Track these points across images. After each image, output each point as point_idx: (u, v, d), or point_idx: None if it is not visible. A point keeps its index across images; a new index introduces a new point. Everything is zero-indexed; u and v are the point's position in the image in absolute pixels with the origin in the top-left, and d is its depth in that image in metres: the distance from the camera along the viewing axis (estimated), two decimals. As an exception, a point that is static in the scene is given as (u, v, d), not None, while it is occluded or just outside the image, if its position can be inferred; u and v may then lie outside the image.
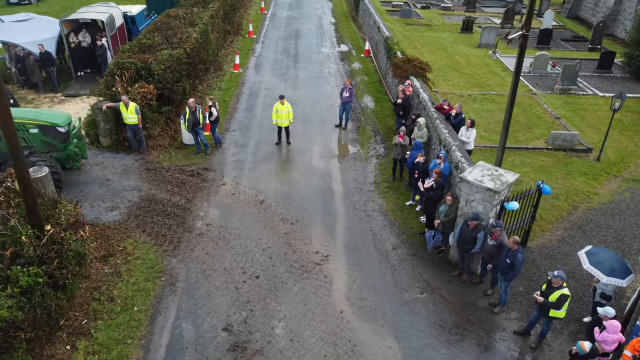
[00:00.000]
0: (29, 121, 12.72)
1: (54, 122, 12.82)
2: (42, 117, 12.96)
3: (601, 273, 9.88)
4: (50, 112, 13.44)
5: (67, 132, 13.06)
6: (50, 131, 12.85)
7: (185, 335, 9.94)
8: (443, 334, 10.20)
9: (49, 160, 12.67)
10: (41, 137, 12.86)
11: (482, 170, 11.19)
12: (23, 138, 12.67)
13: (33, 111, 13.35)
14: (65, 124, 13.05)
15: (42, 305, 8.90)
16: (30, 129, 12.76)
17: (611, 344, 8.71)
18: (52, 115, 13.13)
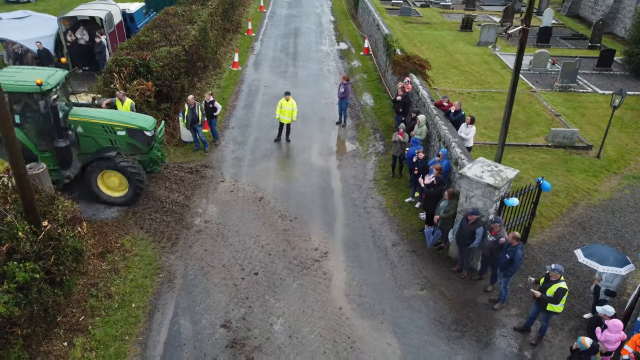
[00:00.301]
0: (117, 123, 12.69)
1: (141, 125, 12.81)
2: (131, 120, 12.93)
3: (596, 263, 9.86)
4: (138, 115, 13.42)
5: (152, 136, 13.06)
6: (137, 134, 12.82)
7: (183, 331, 9.88)
8: (443, 331, 10.15)
9: (134, 163, 12.68)
10: (128, 139, 12.82)
11: (481, 166, 11.14)
12: (110, 140, 12.78)
13: (122, 113, 13.38)
14: (152, 128, 13.02)
15: (39, 301, 8.83)
16: (118, 131, 12.72)
17: (614, 342, 8.66)
18: (140, 119, 13.10)
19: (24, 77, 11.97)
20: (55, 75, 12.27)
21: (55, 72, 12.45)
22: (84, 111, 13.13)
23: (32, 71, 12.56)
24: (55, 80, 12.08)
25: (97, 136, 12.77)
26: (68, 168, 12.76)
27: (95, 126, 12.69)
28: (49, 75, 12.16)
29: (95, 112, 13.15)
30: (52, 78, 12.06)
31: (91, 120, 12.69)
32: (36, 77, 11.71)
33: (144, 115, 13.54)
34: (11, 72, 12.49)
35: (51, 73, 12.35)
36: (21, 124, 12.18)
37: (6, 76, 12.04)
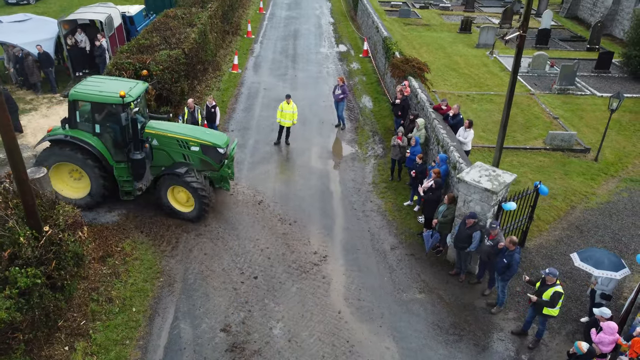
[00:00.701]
0: (191, 139, 12.67)
1: (215, 142, 12.72)
2: (205, 136, 12.88)
3: (592, 267, 9.94)
4: (212, 132, 13.40)
5: (225, 154, 12.94)
6: (210, 151, 12.75)
7: (184, 336, 9.96)
8: (441, 335, 10.23)
9: (202, 182, 12.49)
10: (200, 155, 12.79)
11: (479, 170, 11.22)
12: (183, 154, 12.78)
13: (197, 129, 13.35)
14: (225, 145, 12.92)
15: (40, 306, 8.91)
16: (192, 146, 12.70)
17: (608, 344, 8.75)
18: (213, 136, 13.04)
19: (107, 88, 12.19)
20: (136, 88, 12.44)
21: (136, 85, 12.60)
22: (160, 124, 13.16)
23: (115, 82, 12.76)
24: (136, 92, 12.27)
25: (171, 150, 12.82)
26: (141, 180, 12.79)
27: (170, 140, 12.73)
28: (130, 87, 12.33)
29: (171, 126, 13.19)
30: (133, 90, 12.25)
31: (166, 134, 12.73)
32: (119, 88, 11.92)
33: (218, 132, 13.59)
34: (95, 82, 12.68)
35: (132, 85, 12.52)
36: (101, 134, 12.37)
37: (90, 86, 12.33)
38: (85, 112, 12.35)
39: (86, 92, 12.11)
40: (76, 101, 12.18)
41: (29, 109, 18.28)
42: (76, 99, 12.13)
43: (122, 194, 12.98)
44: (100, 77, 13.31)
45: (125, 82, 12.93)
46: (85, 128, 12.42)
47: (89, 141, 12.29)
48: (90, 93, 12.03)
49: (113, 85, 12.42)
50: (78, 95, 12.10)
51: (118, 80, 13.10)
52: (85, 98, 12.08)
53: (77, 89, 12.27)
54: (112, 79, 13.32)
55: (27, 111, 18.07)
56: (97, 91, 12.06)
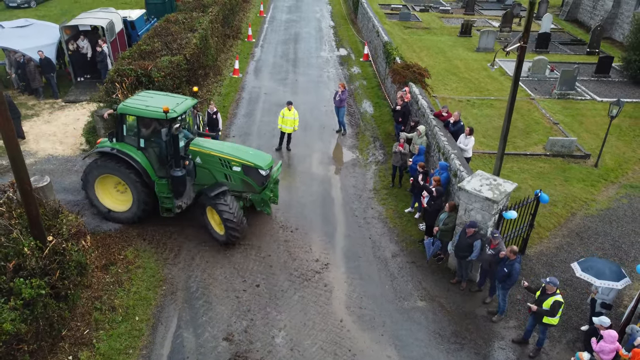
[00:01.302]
0: (234, 158, 12.31)
1: (257, 163, 12.29)
2: (247, 156, 12.51)
3: (593, 277, 9.99)
4: (256, 152, 12.90)
5: (267, 176, 12.48)
6: (252, 172, 12.31)
7: (187, 344, 10.03)
8: (442, 343, 10.30)
9: (232, 207, 11.97)
10: (242, 176, 12.42)
11: (480, 179, 11.29)
12: (225, 174, 12.50)
13: (240, 148, 13.01)
14: (268, 167, 12.46)
15: (44, 316, 8.98)
16: (234, 166, 12.35)
17: (609, 353, 8.81)
18: (256, 156, 12.62)
19: (154, 102, 12.13)
20: (183, 104, 12.27)
21: (184, 101, 12.42)
22: (205, 142, 12.95)
23: (163, 97, 12.66)
24: (182, 108, 12.08)
25: (213, 169, 12.56)
26: (181, 197, 12.56)
27: (212, 159, 12.46)
28: (177, 103, 12.18)
29: (216, 145, 12.95)
30: (179, 106, 12.09)
31: (210, 152, 12.46)
32: (164, 104, 11.81)
33: (262, 153, 13.03)
34: (145, 96, 12.67)
35: (180, 101, 12.34)
36: (145, 148, 12.30)
37: (139, 100, 12.34)
38: (131, 126, 12.33)
39: (133, 106, 12.06)
40: (123, 115, 12.17)
41: (31, 115, 18.35)
42: (123, 113, 12.12)
43: (162, 210, 12.77)
44: (150, 92, 13.18)
45: (173, 97, 12.76)
46: (131, 142, 12.37)
47: (133, 155, 12.22)
48: (137, 107, 11.98)
49: (161, 100, 12.31)
50: (125, 109, 12.08)
51: (167, 96, 12.96)
52: (132, 112, 12.03)
53: (126, 103, 12.27)
54: (162, 94, 13.19)
55: (29, 117, 18.14)
56: (144, 106, 12.01)
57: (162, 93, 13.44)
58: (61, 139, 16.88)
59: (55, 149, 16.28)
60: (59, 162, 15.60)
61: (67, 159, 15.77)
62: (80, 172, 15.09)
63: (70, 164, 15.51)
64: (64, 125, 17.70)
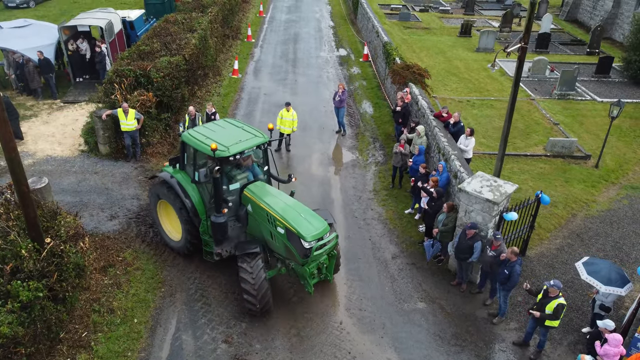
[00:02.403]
0: (280, 218, 10.21)
1: (301, 231, 9.90)
2: (297, 218, 10.17)
3: (599, 282, 9.92)
4: (313, 216, 10.39)
5: (310, 249, 9.96)
6: (295, 239, 10.04)
7: (185, 347, 9.96)
8: (442, 345, 10.24)
9: (255, 276, 10.11)
10: (285, 240, 10.28)
11: (481, 181, 11.23)
12: (270, 232, 10.59)
13: (297, 207, 10.60)
14: (314, 239, 9.91)
15: (42, 319, 8.91)
16: (278, 226, 10.30)
17: (613, 357, 8.75)
18: (308, 221, 10.14)
19: (218, 135, 10.95)
20: (245, 142, 10.77)
21: (249, 139, 10.91)
22: (264, 189, 11.04)
23: (234, 130, 11.32)
24: (239, 148, 10.57)
25: (261, 222, 10.75)
26: (221, 245, 11.05)
27: (261, 211, 10.60)
28: (239, 140, 10.78)
29: (272, 195, 10.84)
30: (238, 145, 10.61)
31: (259, 203, 10.61)
32: (231, 137, 10.77)
33: (318, 219, 10.33)
34: (215, 126, 11.55)
35: (245, 138, 10.92)
36: (198, 182, 11.01)
37: (205, 130, 11.26)
38: (190, 156, 11.27)
39: (194, 136, 10.96)
40: (185, 143, 11.23)
41: (30, 115, 18.28)
42: (184, 141, 11.18)
43: (204, 253, 11.57)
44: (227, 122, 11.83)
45: (245, 131, 11.26)
46: (189, 173, 11.41)
47: (185, 187, 11.24)
48: (196, 138, 10.86)
49: (230, 133, 11.08)
50: (186, 137, 11.09)
51: (242, 128, 11.43)
52: (190, 142, 11.00)
53: (190, 131, 11.24)
54: (237, 125, 11.64)
55: (27, 117, 18.07)
56: (204, 137, 10.84)
57: (239, 124, 11.75)
58: (60, 139, 16.81)
59: (54, 150, 16.21)
60: (57, 163, 15.53)
61: (66, 160, 15.70)
62: (79, 172, 15.13)
63: (69, 165, 15.43)
64: (62, 126, 17.63)
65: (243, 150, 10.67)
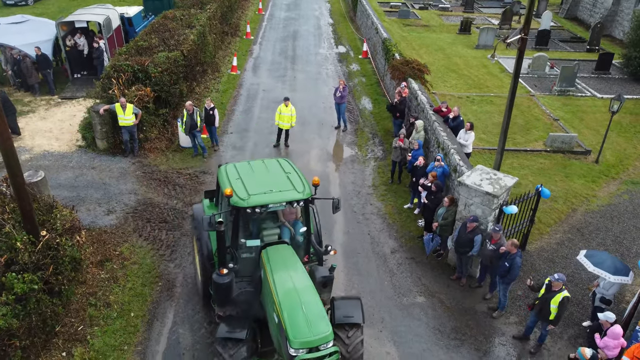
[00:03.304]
0: (277, 304, 8.15)
1: (288, 333, 7.79)
2: (292, 312, 8.00)
3: (607, 272, 9.83)
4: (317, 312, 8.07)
5: (295, 358, 7.79)
6: (283, 337, 7.95)
7: (182, 341, 9.87)
8: (442, 339, 10.15)
9: None
10: (276, 331, 8.31)
11: (480, 174, 11.15)
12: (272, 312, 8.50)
13: (304, 294, 8.29)
14: (303, 347, 7.74)
15: (37, 312, 8.81)
16: (274, 313, 8.30)
17: (613, 349, 8.67)
18: (301, 321, 7.89)
19: (252, 178, 9.33)
20: (274, 195, 8.81)
21: (284, 191, 8.98)
22: (281, 256, 8.92)
23: (276, 176, 9.45)
24: (262, 200, 8.67)
25: (267, 296, 8.69)
26: (222, 307, 9.13)
27: (267, 284, 8.66)
28: (267, 190, 8.90)
29: (284, 269, 8.65)
30: (262, 196, 8.75)
31: (267, 273, 8.63)
32: (266, 184, 9.07)
33: (318, 322, 7.95)
34: (259, 166, 9.86)
35: (280, 188, 9.02)
36: (220, 225, 8.61)
37: (244, 168, 9.75)
38: (222, 194, 9.57)
39: (227, 171, 9.62)
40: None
41: (27, 111, 18.18)
42: (218, 175, 9.90)
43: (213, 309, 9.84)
44: (279, 163, 9.97)
45: (286, 181, 9.29)
46: (217, 211, 9.96)
47: None
48: (227, 174, 9.51)
49: (264, 178, 9.38)
50: (220, 171, 9.83)
51: (285, 176, 9.46)
52: (219, 176, 9.71)
53: (229, 165, 9.88)
54: (286, 170, 9.68)
55: (25, 113, 17.97)
56: (235, 175, 9.42)
57: (289, 168, 9.78)
58: (57, 135, 16.72)
59: (51, 145, 16.11)
60: (54, 158, 15.44)
61: (63, 155, 15.61)
62: (76, 168, 15.05)
63: (66, 160, 15.35)
64: (60, 122, 17.54)
65: (267, 204, 8.71)
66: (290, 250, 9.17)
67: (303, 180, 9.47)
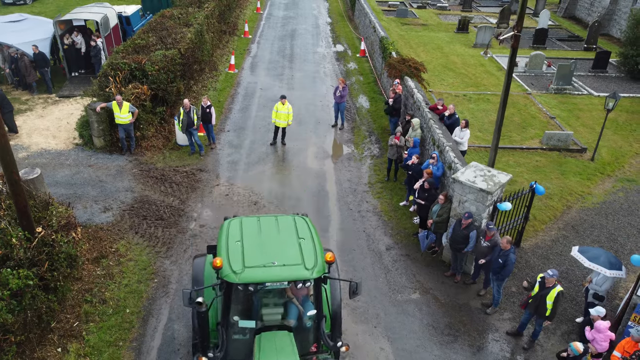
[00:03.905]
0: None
1: None
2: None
3: (603, 267, 9.88)
4: None
5: None
6: None
7: (177, 337, 9.91)
8: (436, 335, 10.20)
9: None
10: None
11: (474, 170, 11.19)
12: None
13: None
14: None
15: (32, 307, 8.86)
16: None
17: (601, 342, 8.73)
18: None
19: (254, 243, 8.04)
20: (273, 271, 7.48)
21: (289, 265, 7.60)
22: (273, 346, 7.56)
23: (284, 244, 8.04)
24: (257, 276, 7.39)
25: None
26: None
27: None
28: (267, 262, 7.57)
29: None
30: (258, 271, 7.45)
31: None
32: (250, 252, 7.78)
33: None
34: (269, 224, 8.53)
35: (284, 261, 7.63)
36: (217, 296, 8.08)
37: (251, 225, 8.49)
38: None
39: (228, 229, 8.39)
40: None
41: (25, 110, 18.22)
42: (219, 231, 8.66)
43: None
44: (296, 222, 8.62)
45: (295, 252, 7.86)
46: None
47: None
48: (228, 233, 8.27)
49: (269, 245, 8.02)
50: (221, 228, 8.61)
51: (297, 244, 8.04)
52: (219, 235, 8.47)
53: (234, 220, 8.69)
54: (301, 235, 8.26)
55: (22, 111, 18.01)
56: (236, 236, 8.16)
57: (306, 232, 8.40)
58: (54, 133, 16.76)
59: (48, 143, 16.16)
60: (51, 155, 15.48)
61: (60, 153, 15.65)
62: (73, 165, 15.09)
63: (63, 158, 15.39)
64: (57, 120, 17.58)
65: (264, 281, 7.40)
66: (289, 341, 7.55)
67: (317, 250, 7.92)
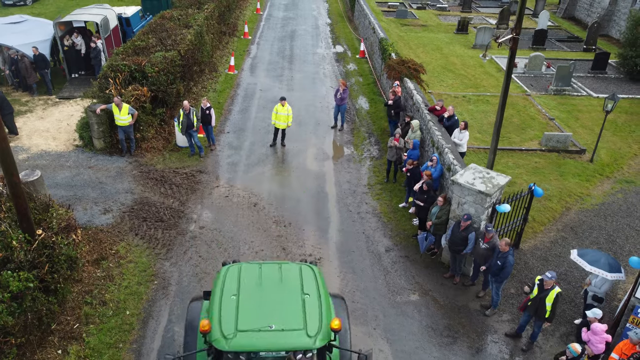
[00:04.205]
0: None
1: None
2: None
3: (603, 270, 9.91)
4: None
5: None
6: None
7: (177, 339, 9.94)
8: (435, 337, 10.23)
9: None
10: None
11: (473, 172, 11.22)
12: None
13: None
14: None
15: (33, 309, 8.88)
16: None
17: (597, 344, 8.77)
18: None
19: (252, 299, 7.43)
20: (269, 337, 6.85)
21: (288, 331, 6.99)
22: None
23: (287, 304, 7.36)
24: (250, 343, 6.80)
25: None
26: None
27: None
28: (264, 325, 6.96)
29: None
30: (252, 336, 6.87)
31: None
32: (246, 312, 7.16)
33: None
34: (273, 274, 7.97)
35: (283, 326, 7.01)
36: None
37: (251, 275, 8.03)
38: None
39: (220, 281, 7.98)
40: None
41: (25, 111, 18.25)
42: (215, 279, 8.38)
43: None
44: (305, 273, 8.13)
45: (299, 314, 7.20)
46: None
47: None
48: (222, 284, 7.86)
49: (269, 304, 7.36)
50: (217, 276, 8.28)
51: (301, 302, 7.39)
52: (214, 284, 8.13)
53: (233, 267, 8.30)
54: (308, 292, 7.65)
55: (22, 113, 18.04)
56: (232, 290, 7.64)
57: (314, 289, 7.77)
58: (54, 134, 16.79)
59: (49, 145, 16.19)
60: (51, 157, 15.52)
61: (60, 155, 15.68)
62: (73, 167, 15.12)
63: (63, 160, 15.42)
64: (57, 121, 17.61)
65: (258, 350, 6.79)
66: None
67: (323, 311, 7.15)
